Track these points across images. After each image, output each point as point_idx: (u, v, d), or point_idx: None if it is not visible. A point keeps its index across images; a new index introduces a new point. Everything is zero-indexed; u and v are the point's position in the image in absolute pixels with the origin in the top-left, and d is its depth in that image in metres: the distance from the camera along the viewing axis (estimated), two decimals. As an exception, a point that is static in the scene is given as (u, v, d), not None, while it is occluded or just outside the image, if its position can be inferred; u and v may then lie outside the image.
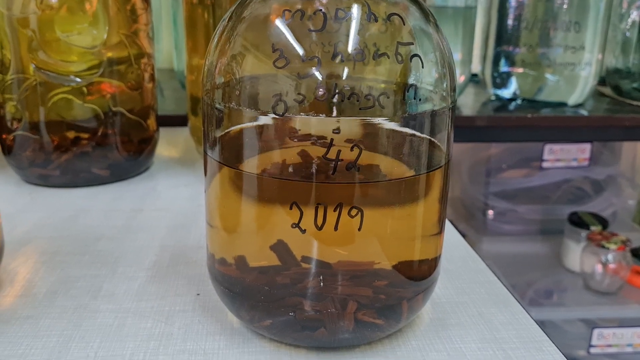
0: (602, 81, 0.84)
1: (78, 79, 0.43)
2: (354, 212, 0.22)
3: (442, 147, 0.25)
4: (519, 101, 0.78)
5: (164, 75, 0.89)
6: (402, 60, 0.22)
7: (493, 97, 0.80)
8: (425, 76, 0.23)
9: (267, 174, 0.23)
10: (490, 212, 1.00)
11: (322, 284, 0.24)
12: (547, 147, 0.93)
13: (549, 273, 0.93)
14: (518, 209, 0.99)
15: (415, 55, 0.22)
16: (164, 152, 0.55)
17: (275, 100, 0.21)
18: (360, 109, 0.21)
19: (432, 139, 0.24)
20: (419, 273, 0.26)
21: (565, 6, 0.72)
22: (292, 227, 0.23)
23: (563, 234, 0.95)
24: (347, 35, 0.22)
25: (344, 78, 0.21)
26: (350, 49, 0.21)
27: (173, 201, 0.43)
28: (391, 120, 0.22)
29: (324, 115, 0.21)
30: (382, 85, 0.22)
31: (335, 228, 0.22)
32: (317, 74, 0.21)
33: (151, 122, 0.49)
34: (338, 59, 0.21)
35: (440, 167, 0.25)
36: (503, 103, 0.78)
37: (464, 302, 0.30)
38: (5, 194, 0.44)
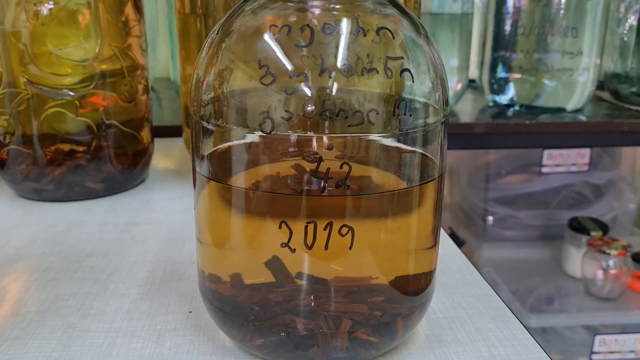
0: (600, 86, 0.83)
1: (71, 93, 0.43)
2: (344, 230, 0.22)
3: (435, 161, 0.25)
4: (517, 107, 0.77)
5: (162, 85, 0.88)
6: (391, 75, 0.21)
7: (491, 104, 0.80)
8: (416, 90, 0.23)
9: (255, 192, 0.22)
10: (490, 218, 1.00)
11: (314, 301, 0.24)
12: (547, 152, 0.93)
13: (550, 279, 0.93)
14: (518, 214, 0.99)
15: (406, 69, 0.22)
16: (159, 164, 0.54)
17: (262, 117, 0.21)
18: (349, 125, 0.21)
19: (425, 154, 0.24)
20: (413, 288, 0.26)
21: (562, 12, 0.72)
22: (281, 246, 0.22)
23: (563, 239, 0.94)
24: (336, 51, 0.21)
25: (332, 94, 0.21)
26: (338, 64, 0.21)
27: (167, 214, 0.43)
28: (381, 136, 0.22)
29: (312, 132, 0.21)
30: (372, 101, 0.22)
31: (326, 247, 0.22)
32: (305, 91, 0.21)
33: (145, 134, 0.48)
34: (326, 75, 0.21)
35: (433, 180, 0.25)
36: (501, 109, 0.78)
37: (461, 317, 0.30)
38: (-2, 209, 0.44)
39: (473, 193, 1.02)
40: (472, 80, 0.84)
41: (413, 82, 0.22)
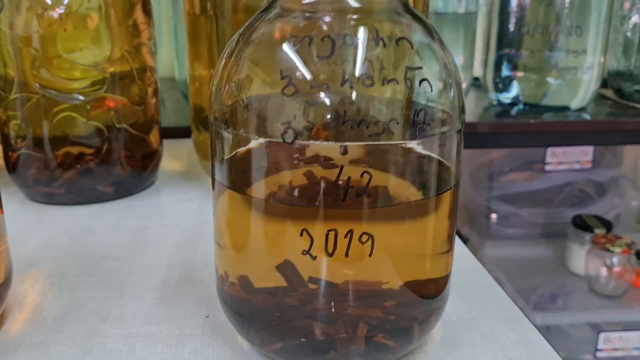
0: (604, 83, 0.83)
1: (81, 97, 0.43)
2: (364, 238, 0.22)
3: (451, 169, 0.25)
4: (520, 106, 0.78)
5: (165, 85, 0.88)
6: (411, 85, 0.22)
7: (495, 102, 0.80)
8: (435, 99, 0.23)
9: (276, 201, 0.23)
10: (494, 216, 1.00)
11: (332, 305, 0.24)
12: (550, 150, 0.93)
13: (554, 277, 0.93)
14: (521, 212, 0.99)
15: (424, 79, 0.22)
16: (167, 166, 0.55)
17: (284, 127, 0.21)
18: (369, 135, 0.21)
19: (442, 161, 0.24)
20: (429, 293, 0.26)
21: (566, 10, 0.72)
22: (302, 253, 0.23)
23: (567, 237, 0.95)
24: (355, 62, 0.21)
25: (352, 105, 0.21)
26: (358, 75, 0.21)
27: (179, 217, 0.43)
28: (401, 145, 0.22)
29: (333, 142, 0.21)
30: (392, 110, 0.22)
31: (346, 254, 0.22)
32: (327, 102, 0.21)
33: (155, 137, 0.49)
34: (347, 86, 0.21)
35: (450, 188, 0.25)
36: (505, 108, 0.78)
37: (474, 319, 0.30)
38: (11, 213, 0.44)
39: (476, 191, 1.02)
40: (476, 79, 0.84)
41: (432, 91, 0.23)
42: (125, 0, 0.44)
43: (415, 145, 0.23)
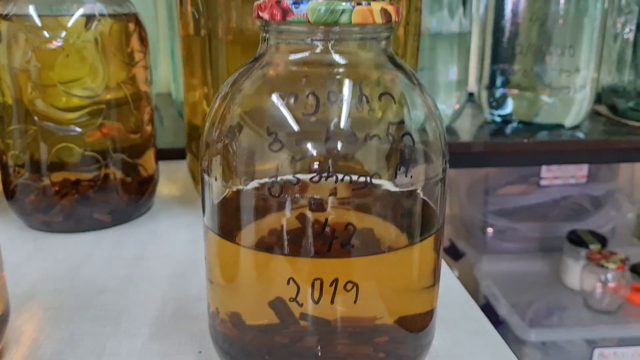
0: (598, 98, 0.84)
1: (78, 129, 0.44)
2: (349, 286, 0.23)
3: (436, 213, 0.26)
4: (514, 124, 0.78)
5: (163, 101, 0.89)
6: (393, 140, 0.23)
7: (489, 120, 0.81)
8: (417, 150, 0.24)
9: (262, 250, 0.24)
10: (490, 230, 1.01)
11: (320, 344, 0.25)
12: (545, 166, 0.94)
13: (549, 291, 0.94)
14: (517, 226, 1.00)
15: (407, 133, 0.23)
16: (164, 190, 0.55)
17: (271, 181, 0.22)
18: (353, 189, 0.22)
19: (426, 208, 0.25)
20: (414, 328, 0.27)
21: (559, 29, 0.73)
22: (289, 300, 0.23)
23: (562, 251, 0.96)
24: (339, 118, 0.22)
25: (337, 161, 0.22)
26: (342, 131, 0.22)
27: (174, 245, 0.44)
28: (385, 196, 0.23)
29: (318, 196, 0.22)
30: (376, 163, 0.23)
31: (332, 301, 0.23)
32: (311, 156, 0.22)
33: (151, 163, 0.49)
34: (331, 142, 0.22)
35: (435, 233, 0.26)
36: (499, 126, 0.79)
37: (461, 355, 0.31)
38: (10, 241, 0.44)
39: (472, 205, 1.03)
40: (470, 94, 0.85)
41: (414, 144, 0.23)
42: (122, 31, 0.45)
43: (399, 196, 0.23)
